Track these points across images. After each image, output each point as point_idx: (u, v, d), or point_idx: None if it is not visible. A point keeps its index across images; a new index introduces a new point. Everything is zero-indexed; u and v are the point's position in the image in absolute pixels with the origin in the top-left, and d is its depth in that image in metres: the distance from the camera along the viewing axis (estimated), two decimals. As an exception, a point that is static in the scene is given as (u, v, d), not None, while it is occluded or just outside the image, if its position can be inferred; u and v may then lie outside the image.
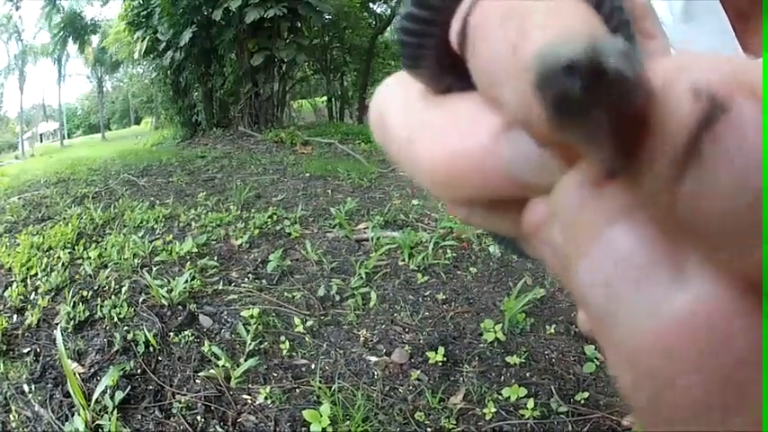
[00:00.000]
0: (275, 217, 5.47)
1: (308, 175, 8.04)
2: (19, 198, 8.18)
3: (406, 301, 3.47)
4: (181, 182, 8.11)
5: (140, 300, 3.59)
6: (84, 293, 3.81)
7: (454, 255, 4.19)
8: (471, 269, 4.01)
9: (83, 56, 48.92)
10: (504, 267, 4.11)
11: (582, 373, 2.73)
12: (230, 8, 14.15)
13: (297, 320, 3.16)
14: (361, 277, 3.71)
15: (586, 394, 2.59)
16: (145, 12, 16.90)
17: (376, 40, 27.10)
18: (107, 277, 4.03)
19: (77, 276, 4.23)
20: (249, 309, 3.25)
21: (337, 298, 3.54)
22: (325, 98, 28.84)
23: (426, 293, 3.61)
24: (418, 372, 2.72)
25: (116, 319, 3.34)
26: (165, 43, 16.03)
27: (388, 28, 29.01)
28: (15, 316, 3.68)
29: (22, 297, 3.94)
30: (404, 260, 4.08)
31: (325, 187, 7.15)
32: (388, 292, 3.60)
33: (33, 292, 4.01)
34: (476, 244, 4.48)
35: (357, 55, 26.65)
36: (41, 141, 67.92)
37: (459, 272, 3.98)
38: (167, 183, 8.17)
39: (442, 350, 2.82)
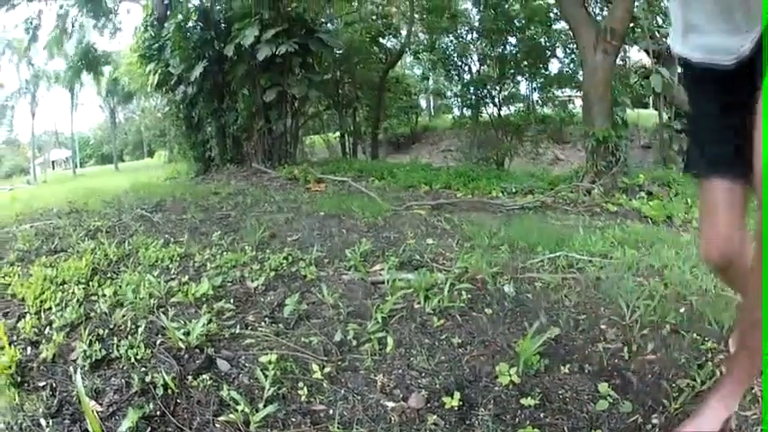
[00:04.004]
0: (290, 258, 5.49)
1: (322, 213, 8.09)
2: (31, 226, 8.26)
3: (422, 346, 3.48)
4: (195, 219, 8.19)
5: (157, 341, 3.60)
6: (100, 332, 3.80)
7: (469, 296, 4.21)
8: (486, 310, 4.03)
9: (96, 86, 49.25)
10: (519, 306, 4.15)
11: (595, 411, 2.76)
12: (242, 44, 14.19)
13: (315, 367, 3.17)
14: (378, 321, 3.71)
15: (599, 432, 2.62)
16: (156, 44, 16.97)
17: (387, 75, 27.00)
18: (123, 316, 4.03)
19: (93, 314, 4.23)
20: (267, 354, 3.25)
21: (354, 343, 3.54)
22: (337, 133, 28.80)
23: (442, 337, 3.61)
24: (434, 416, 2.73)
25: (133, 360, 3.33)
26: (176, 77, 16.07)
27: (399, 62, 29.01)
28: (30, 348, 3.68)
29: (36, 330, 3.95)
30: (419, 303, 4.09)
31: (339, 226, 7.19)
32: (404, 337, 3.61)
33: (48, 327, 4.00)
34: (491, 284, 4.50)
35: (369, 90, 26.59)
36: (53, 168, 68.36)
37: (474, 313, 3.99)
38: (181, 219, 8.23)
39: (457, 395, 2.82)
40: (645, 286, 4.36)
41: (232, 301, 4.35)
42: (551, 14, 21.74)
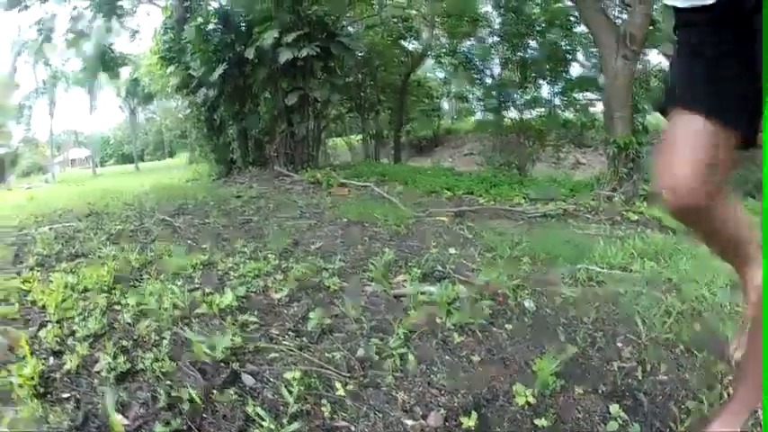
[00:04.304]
0: (314, 268, 5.48)
1: (345, 220, 8.16)
2: (50, 229, 8.24)
3: (443, 363, 3.51)
4: (217, 224, 8.24)
5: (182, 354, 3.62)
6: (124, 343, 3.81)
7: (490, 311, 4.23)
8: (507, 326, 4.06)
9: (115, 88, 49.42)
10: (539, 322, 4.18)
11: (605, 432, 2.78)
12: (263, 46, 14.19)
13: (338, 384, 3.20)
14: (400, 337, 3.74)
15: (608, 452, 2.67)
16: (177, 47, 16.97)
17: (409, 78, 26.94)
18: (147, 327, 4.03)
19: (116, 324, 4.23)
20: (291, 370, 3.27)
21: (376, 358, 3.56)
22: (359, 136, 28.72)
23: (462, 354, 3.64)
24: (451, 435, 2.76)
25: (158, 373, 3.35)
26: (197, 80, 16.07)
27: (420, 65, 28.97)
28: (52, 358, 3.67)
29: (58, 339, 3.93)
30: (441, 318, 4.10)
31: (362, 234, 7.22)
32: (425, 353, 3.63)
33: (71, 337, 3.99)
34: (512, 298, 4.52)
35: (390, 93, 26.53)
36: (72, 167, 68.58)
37: (494, 329, 4.02)
38: (204, 224, 8.30)
39: (474, 415, 2.85)
40: (662, 302, 4.39)
41: (256, 312, 4.35)
42: (572, 17, 21.67)
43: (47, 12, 32.24)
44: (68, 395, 3.20)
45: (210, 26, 16.54)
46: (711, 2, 2.13)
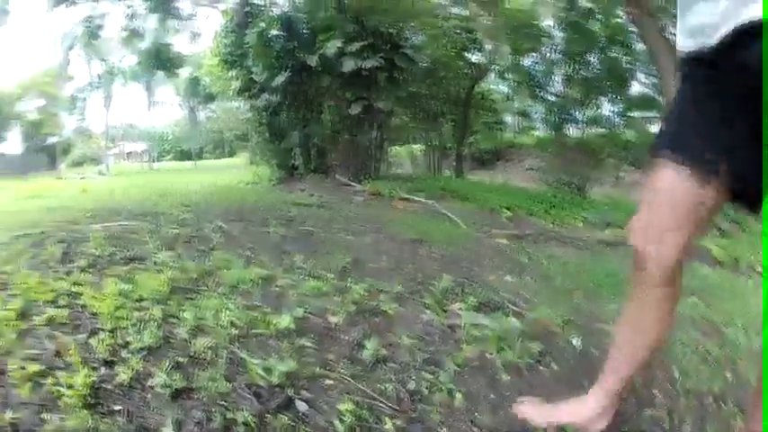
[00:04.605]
0: (372, 290, 5.50)
1: (405, 237, 8.15)
2: (103, 227, 8.03)
3: (488, 401, 3.60)
4: (277, 233, 8.19)
5: (238, 375, 3.67)
6: (180, 359, 3.81)
7: (539, 350, 4.28)
8: (553, 365, 4.14)
9: (174, 87, 49.92)
10: (583, 362, 4.25)
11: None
12: (326, 55, 14.24)
13: (386, 418, 3.28)
14: (450, 372, 3.84)
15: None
16: (239, 51, 17.06)
17: (472, 90, 26.88)
18: (204, 344, 4.04)
19: (172, 339, 4.19)
20: (344, 400, 3.36)
21: (426, 392, 3.63)
22: (421, 146, 28.79)
23: (507, 393, 3.71)
24: (485, 477, 2.84)
25: (214, 393, 3.40)
26: (260, 85, 16.12)
27: (484, 78, 28.89)
28: (104, 368, 3.62)
29: (110, 349, 3.86)
30: (491, 354, 4.17)
31: (421, 254, 7.24)
32: (472, 390, 3.71)
33: (124, 348, 3.91)
34: (561, 336, 4.59)
35: (454, 105, 26.54)
36: (127, 160, 69.24)
37: (541, 367, 4.10)
38: (263, 233, 8.25)
39: (509, 459, 2.92)
40: (701, 346, 4.49)
41: (312, 336, 4.37)
42: (632, 33, 21.52)
43: (94, 8, 32.66)
44: (120, 408, 3.21)
45: (273, 32, 16.61)
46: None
